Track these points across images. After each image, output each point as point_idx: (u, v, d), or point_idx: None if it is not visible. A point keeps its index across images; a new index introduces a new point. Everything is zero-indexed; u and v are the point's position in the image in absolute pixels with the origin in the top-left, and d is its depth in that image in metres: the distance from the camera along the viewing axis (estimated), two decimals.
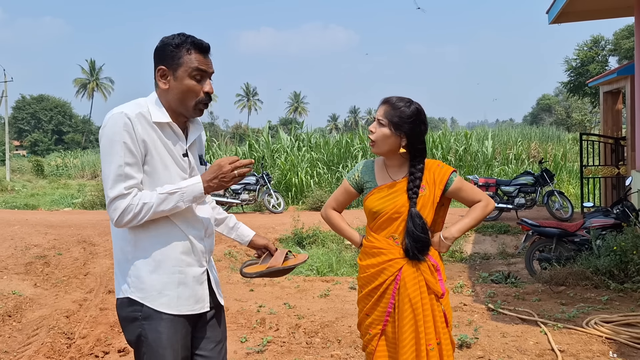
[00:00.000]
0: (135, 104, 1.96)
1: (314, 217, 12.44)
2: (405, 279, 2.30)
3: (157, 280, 1.97)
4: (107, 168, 1.89)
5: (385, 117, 2.32)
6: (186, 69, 1.95)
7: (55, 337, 4.55)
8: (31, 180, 29.14)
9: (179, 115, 2.02)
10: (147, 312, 1.96)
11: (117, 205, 1.87)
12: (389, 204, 2.34)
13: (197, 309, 2.03)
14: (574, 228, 7.16)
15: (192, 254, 2.03)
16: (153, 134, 1.94)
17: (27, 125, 62.56)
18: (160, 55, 1.97)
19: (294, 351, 4.13)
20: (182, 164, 2.02)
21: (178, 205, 1.92)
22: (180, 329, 2.00)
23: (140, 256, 1.98)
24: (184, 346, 2.02)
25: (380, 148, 2.35)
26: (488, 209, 2.39)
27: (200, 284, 2.05)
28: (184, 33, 1.98)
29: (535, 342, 4.11)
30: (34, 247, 8.80)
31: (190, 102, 1.98)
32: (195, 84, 1.97)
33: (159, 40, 2.01)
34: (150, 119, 1.94)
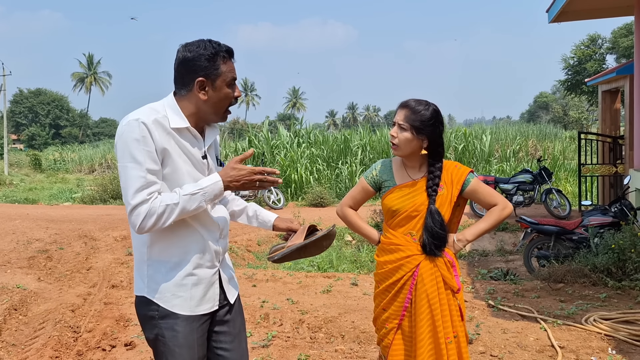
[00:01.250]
0: (151, 110, 1.96)
1: (314, 213, 12.52)
2: (423, 275, 2.37)
3: (171, 282, 1.99)
4: (127, 175, 1.88)
5: (407, 121, 2.37)
6: (224, 79, 1.98)
7: (62, 330, 4.60)
8: (29, 175, 29.11)
9: (201, 121, 2.04)
10: (164, 312, 1.99)
11: (139, 211, 1.86)
12: (408, 203, 2.40)
13: (208, 308, 2.06)
14: (572, 226, 7.23)
15: (207, 256, 2.05)
16: (171, 139, 1.95)
17: (24, 119, 62.38)
18: (195, 66, 1.95)
19: (299, 346, 4.19)
20: (201, 167, 2.04)
21: (201, 205, 1.93)
22: (197, 327, 2.03)
23: (156, 257, 2.01)
24: (202, 345, 2.05)
25: (403, 151, 2.41)
26: (505, 213, 2.44)
27: (211, 284, 2.08)
28: (211, 40, 1.99)
29: (536, 339, 4.18)
30: (35, 242, 8.86)
31: (223, 109, 2.03)
32: (230, 91, 2.01)
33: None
34: (167, 125, 1.94)
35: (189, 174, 1.99)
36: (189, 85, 1.97)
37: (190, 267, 2.01)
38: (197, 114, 2.01)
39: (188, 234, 2.01)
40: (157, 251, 2.00)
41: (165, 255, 2.00)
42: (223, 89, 1.98)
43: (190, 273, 2.01)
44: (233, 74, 2.00)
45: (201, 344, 2.04)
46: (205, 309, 2.05)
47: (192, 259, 2.01)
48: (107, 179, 17.74)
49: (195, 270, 2.02)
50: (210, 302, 2.07)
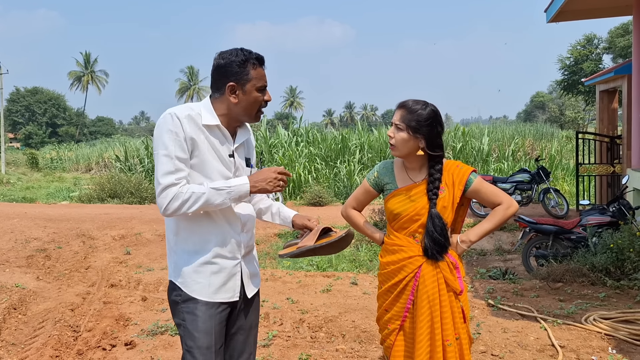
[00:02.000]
0: (187, 107, 2.14)
1: (312, 212, 12.51)
2: (425, 276, 2.36)
3: (192, 268, 2.15)
4: (158, 161, 2.06)
5: (403, 121, 2.36)
6: (254, 84, 2.14)
7: (62, 329, 4.59)
8: (26, 173, 29.01)
9: (234, 122, 2.21)
10: (186, 296, 2.16)
11: (167, 192, 2.03)
12: (409, 207, 2.39)
13: (226, 297, 2.19)
14: (570, 225, 7.25)
15: (227, 247, 2.18)
16: (201, 134, 2.11)
17: (21, 117, 62.20)
18: (227, 72, 2.13)
19: (300, 345, 4.19)
20: (228, 163, 2.18)
21: (224, 202, 2.08)
22: (216, 314, 2.16)
23: (180, 245, 2.17)
24: (220, 332, 2.18)
25: (400, 151, 2.40)
26: (509, 212, 2.41)
27: (232, 275, 2.20)
28: (243, 49, 2.16)
29: (536, 338, 4.19)
30: (34, 241, 8.83)
31: (254, 111, 2.19)
32: (260, 95, 2.17)
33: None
34: (199, 121, 2.11)
35: (214, 168, 2.14)
36: (221, 89, 2.15)
37: (210, 256, 2.15)
38: (228, 115, 2.18)
39: (209, 225, 2.16)
40: (181, 239, 2.17)
41: (187, 244, 2.16)
42: (252, 93, 2.14)
43: (210, 261, 2.16)
44: (263, 81, 2.16)
45: (219, 331, 2.16)
46: (224, 298, 2.18)
47: (212, 249, 2.16)
48: (105, 177, 17.68)
49: (216, 259, 2.16)
50: (229, 292, 2.19)
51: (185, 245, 2.17)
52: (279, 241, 9.73)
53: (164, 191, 2.03)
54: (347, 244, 2.32)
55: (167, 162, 2.04)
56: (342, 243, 2.28)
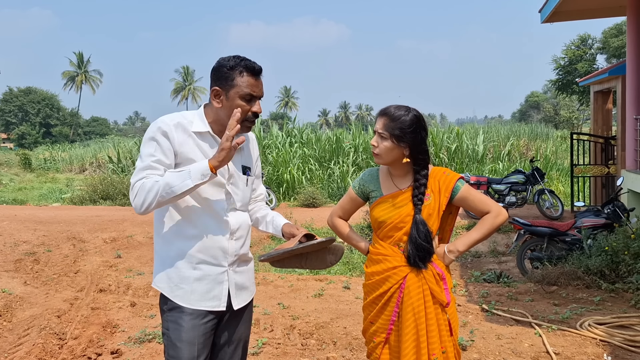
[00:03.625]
0: (179, 115, 2.14)
1: (306, 213, 12.43)
2: (410, 288, 2.28)
3: (174, 273, 2.11)
4: (136, 169, 2.06)
5: (386, 129, 2.28)
6: (237, 91, 2.07)
7: (47, 337, 4.49)
8: (19, 174, 28.74)
9: (224, 128, 2.11)
10: (171, 305, 2.11)
11: (133, 188, 2.02)
12: (394, 214, 2.31)
13: (211, 306, 2.12)
14: (565, 227, 7.20)
15: (212, 253, 2.12)
16: (191, 141, 2.09)
17: (14, 117, 61.78)
18: (216, 75, 2.10)
19: (290, 353, 4.11)
20: (220, 170, 2.11)
21: (186, 182, 1.96)
22: (200, 325, 2.09)
23: (165, 250, 2.13)
24: (204, 343, 2.10)
25: (384, 159, 2.32)
26: (498, 221, 2.33)
27: (218, 283, 2.13)
28: (239, 55, 2.11)
29: (530, 344, 4.12)
30: (23, 244, 8.70)
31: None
32: (244, 104, 2.08)
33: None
34: (189, 128, 2.10)
35: None
36: (210, 94, 2.13)
37: (193, 261, 2.10)
38: (218, 121, 2.14)
39: (193, 229, 2.10)
40: (167, 243, 2.13)
41: (171, 248, 2.12)
42: (235, 100, 2.07)
43: (194, 267, 2.10)
44: (250, 89, 2.08)
45: (203, 342, 2.09)
46: (208, 306, 2.11)
47: (194, 254, 2.10)
48: (97, 179, 17.52)
49: (199, 265, 2.11)
50: (214, 300, 2.12)
51: (169, 250, 2.12)
52: (272, 243, 9.65)
53: (131, 190, 2.02)
54: (336, 258, 2.26)
55: (144, 162, 2.04)
56: (327, 255, 2.22)
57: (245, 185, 2.23)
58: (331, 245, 2.23)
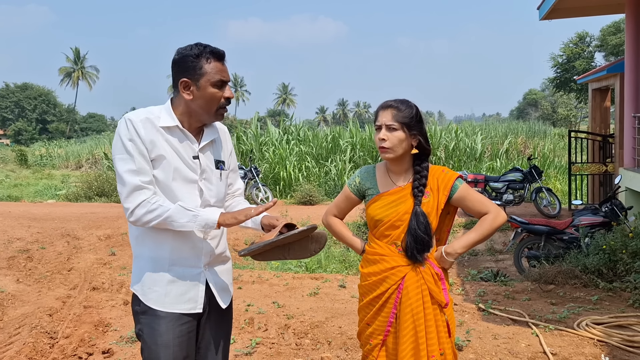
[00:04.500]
0: (146, 110, 2.05)
1: (303, 211, 12.37)
2: (408, 288, 2.22)
3: (149, 276, 2.04)
4: (119, 166, 1.97)
5: (396, 120, 2.23)
6: (208, 79, 2.00)
7: (38, 336, 4.42)
8: (14, 170, 28.58)
9: (195, 121, 2.08)
10: (144, 307, 2.04)
11: (133, 197, 1.95)
12: (391, 212, 2.25)
13: (186, 308, 2.05)
14: (562, 226, 7.16)
15: (186, 254, 2.06)
16: (160, 136, 2.01)
17: (10, 113, 61.58)
18: (181, 67, 2.02)
19: (284, 353, 4.05)
20: (192, 165, 2.06)
21: (188, 224, 1.96)
22: (175, 327, 2.03)
23: (140, 251, 2.08)
24: (180, 345, 2.03)
25: (396, 152, 2.24)
26: (497, 222, 2.27)
27: (194, 285, 2.07)
28: (200, 43, 2.03)
29: (527, 345, 4.07)
30: (16, 241, 8.63)
31: (213, 108, 2.05)
32: (217, 91, 2.03)
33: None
34: (157, 124, 2.02)
35: (178, 171, 2.03)
36: (177, 87, 2.04)
37: (167, 263, 2.04)
38: (188, 113, 2.06)
39: (165, 230, 2.02)
40: (142, 245, 2.07)
41: (145, 249, 2.06)
42: (208, 88, 2.01)
43: (167, 268, 2.04)
44: (220, 75, 2.02)
45: (179, 344, 2.03)
46: (183, 309, 2.04)
47: (168, 255, 2.04)
48: (92, 175, 17.41)
49: (173, 267, 2.04)
50: (190, 302, 2.06)
51: (142, 251, 2.07)
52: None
53: (131, 194, 1.94)
54: (319, 246, 2.16)
55: (128, 160, 1.96)
56: (310, 243, 2.14)
57: (219, 180, 2.15)
58: (313, 233, 2.14)
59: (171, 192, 2.02)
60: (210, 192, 2.12)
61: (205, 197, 2.10)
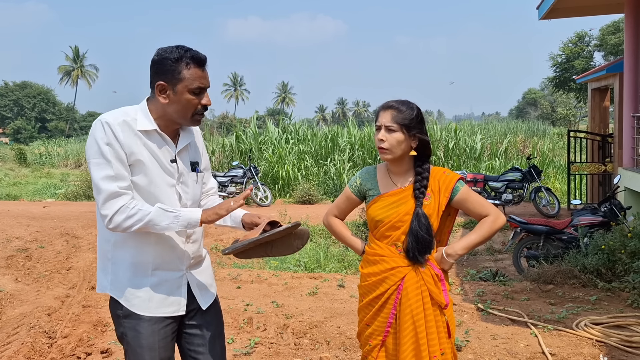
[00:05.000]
0: (122, 112, 1.98)
1: (301, 210, 12.37)
2: (408, 289, 2.22)
3: (131, 282, 2.02)
4: (95, 172, 1.92)
5: (395, 121, 2.22)
6: (186, 85, 1.95)
7: (36, 336, 4.41)
8: (14, 169, 28.56)
9: (171, 124, 2.04)
10: (127, 311, 2.02)
11: (110, 204, 1.90)
12: (391, 213, 2.25)
13: (170, 311, 2.06)
14: (561, 226, 7.16)
15: (168, 258, 2.05)
16: (138, 140, 1.96)
17: (9, 112, 61.49)
18: (159, 69, 1.96)
19: (282, 353, 4.05)
20: (169, 169, 2.03)
21: (171, 225, 1.93)
22: (159, 329, 2.04)
23: (118, 256, 2.02)
24: (164, 347, 2.05)
25: (394, 153, 2.24)
26: (497, 225, 2.27)
27: (176, 287, 2.08)
28: (181, 46, 1.97)
29: (526, 345, 4.07)
30: (15, 240, 8.62)
31: (188, 114, 2.00)
32: (194, 98, 1.97)
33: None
34: (134, 127, 1.96)
35: (156, 175, 2.00)
36: (154, 88, 1.99)
37: (149, 268, 2.02)
38: (164, 117, 2.01)
39: (151, 235, 2.01)
40: (120, 249, 2.02)
41: (124, 254, 2.01)
42: (184, 94, 1.96)
43: (150, 274, 2.03)
44: (199, 82, 1.97)
45: (163, 346, 2.05)
46: (167, 312, 2.05)
47: (151, 260, 2.02)
48: None
49: (156, 272, 2.03)
50: (174, 305, 2.07)
51: (123, 256, 2.01)
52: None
53: (108, 201, 1.89)
54: (302, 242, 2.15)
55: (104, 166, 1.90)
56: (293, 240, 2.12)
57: (195, 183, 2.14)
58: (296, 230, 2.13)
59: (150, 197, 1.99)
60: (187, 195, 2.10)
61: (183, 200, 2.08)
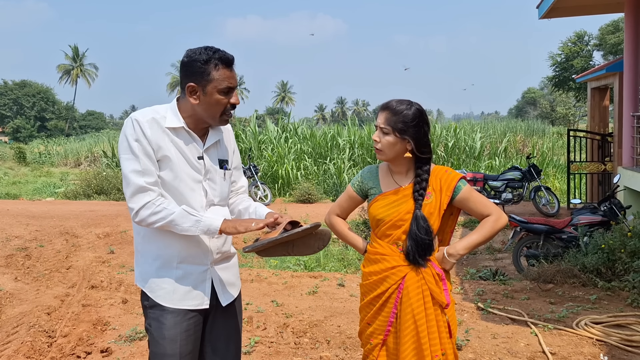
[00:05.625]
0: (152, 110, 2.07)
1: (301, 209, 12.36)
2: (409, 288, 2.21)
3: (157, 273, 2.09)
4: (124, 166, 2.00)
5: (388, 124, 2.22)
6: (215, 85, 2.01)
7: (36, 335, 4.41)
8: (13, 168, 28.54)
9: (200, 123, 2.11)
10: (152, 302, 2.10)
11: (137, 198, 1.98)
12: (392, 211, 2.24)
13: (194, 305, 2.10)
14: (561, 225, 7.16)
15: (193, 251, 2.10)
16: (165, 137, 2.04)
17: (9, 111, 61.41)
18: (188, 71, 2.02)
19: (282, 352, 4.04)
20: (196, 166, 2.10)
21: (191, 228, 1.99)
22: (182, 322, 2.08)
23: (146, 248, 2.10)
24: (186, 340, 2.08)
25: (387, 155, 2.25)
26: (499, 225, 2.26)
27: (201, 281, 2.12)
28: (210, 47, 2.03)
29: (526, 344, 4.07)
30: (15, 239, 8.62)
31: (217, 113, 2.07)
32: (223, 97, 2.04)
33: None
34: (163, 124, 2.04)
35: (183, 171, 2.06)
36: (184, 89, 2.05)
37: (175, 261, 2.08)
38: (193, 116, 2.08)
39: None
40: (148, 242, 2.10)
41: (152, 247, 2.09)
42: (214, 95, 2.02)
43: (175, 266, 2.08)
44: (227, 82, 2.03)
45: (185, 338, 2.08)
46: (191, 305, 2.09)
47: (176, 253, 2.08)
48: (91, 173, 17.38)
49: (181, 265, 2.09)
50: (197, 299, 2.11)
51: (150, 249, 2.10)
52: None
53: (135, 195, 1.98)
54: (323, 243, 2.16)
55: (133, 161, 1.99)
56: (314, 240, 2.13)
57: (222, 180, 2.19)
58: (317, 230, 2.14)
59: (176, 193, 2.06)
60: (214, 192, 2.15)
61: (209, 197, 2.13)
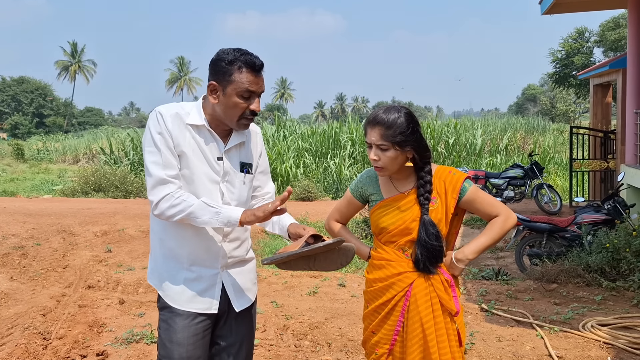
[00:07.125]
0: (178, 105, 2.06)
1: (301, 207, 12.26)
2: (417, 296, 2.10)
3: (167, 273, 2.09)
4: (147, 158, 2.00)
5: (385, 140, 2.06)
6: (235, 88, 1.97)
7: (31, 337, 4.31)
8: (11, 164, 28.40)
9: (221, 124, 2.07)
10: (163, 303, 2.09)
11: (157, 190, 1.97)
12: (397, 220, 2.13)
13: (202, 308, 2.07)
14: (564, 223, 7.06)
15: (204, 254, 2.08)
16: (186, 133, 2.02)
17: (7, 107, 61.23)
18: (213, 69, 2.01)
19: (282, 355, 3.95)
20: (215, 166, 2.06)
21: (211, 220, 1.95)
22: (191, 326, 2.05)
23: (159, 247, 2.11)
24: (194, 344, 2.05)
25: (390, 170, 2.12)
26: (508, 225, 2.15)
27: (210, 285, 2.09)
28: (239, 49, 2.00)
29: (532, 347, 3.98)
30: (11, 237, 8.52)
31: (235, 117, 2.02)
32: (242, 102, 1.99)
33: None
34: (185, 120, 2.03)
35: (200, 170, 2.03)
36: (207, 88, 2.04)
37: (185, 262, 2.07)
38: (214, 116, 2.06)
39: (186, 230, 2.05)
40: (160, 241, 2.10)
41: (164, 247, 2.09)
42: (233, 97, 1.98)
43: (186, 268, 2.07)
44: (249, 86, 1.97)
45: (193, 342, 2.05)
46: (199, 308, 2.07)
47: (186, 255, 2.07)
48: (89, 170, 17.25)
49: (192, 267, 2.07)
50: (205, 302, 2.08)
51: (162, 248, 2.10)
52: (266, 237, 9.48)
53: (156, 187, 1.97)
54: (347, 259, 2.03)
55: (155, 154, 1.98)
56: (337, 256, 2.02)
57: (242, 184, 2.13)
58: (341, 245, 2.03)
59: (192, 190, 2.03)
60: (232, 195, 2.11)
61: (225, 199, 2.09)
